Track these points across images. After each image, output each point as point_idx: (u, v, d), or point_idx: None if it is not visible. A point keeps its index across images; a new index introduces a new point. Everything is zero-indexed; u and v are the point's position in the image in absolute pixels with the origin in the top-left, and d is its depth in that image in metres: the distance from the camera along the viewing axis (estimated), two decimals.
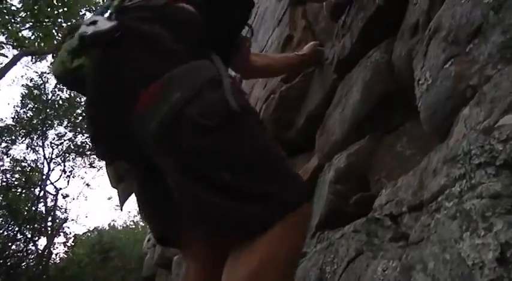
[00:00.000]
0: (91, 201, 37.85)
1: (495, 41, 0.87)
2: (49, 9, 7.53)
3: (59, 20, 8.04)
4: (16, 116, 13.87)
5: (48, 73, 13.66)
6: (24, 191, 13.57)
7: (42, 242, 13.76)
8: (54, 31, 7.89)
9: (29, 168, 13.98)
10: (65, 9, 7.50)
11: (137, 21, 0.98)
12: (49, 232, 13.26)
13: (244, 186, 0.84)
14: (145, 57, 0.93)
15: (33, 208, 13.36)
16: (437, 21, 1.13)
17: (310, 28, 2.26)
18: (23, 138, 14.02)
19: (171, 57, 0.93)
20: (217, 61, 1.00)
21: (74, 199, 18.11)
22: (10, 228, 12.62)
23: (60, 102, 14.06)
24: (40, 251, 12.96)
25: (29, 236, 12.97)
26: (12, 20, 8.10)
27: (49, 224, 13.51)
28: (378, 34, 1.53)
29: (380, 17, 1.50)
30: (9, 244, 12.34)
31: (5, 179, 13.15)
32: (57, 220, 14.11)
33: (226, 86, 0.89)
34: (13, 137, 13.86)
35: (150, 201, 1.13)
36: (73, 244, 14.53)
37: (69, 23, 8.59)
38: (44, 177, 14.03)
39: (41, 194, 13.66)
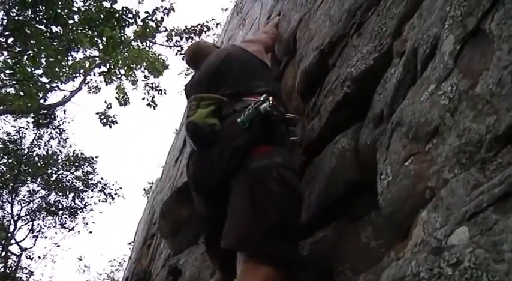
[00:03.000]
0: (59, 262, 35.93)
1: (452, 143, 0.87)
2: (30, 70, 7.60)
3: (42, 80, 8.12)
4: None
5: (26, 128, 13.48)
6: None
7: None
8: (35, 91, 7.90)
9: None
10: (49, 70, 7.58)
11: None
12: None
13: (279, 228, 1.29)
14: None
15: None
16: (399, 116, 1.13)
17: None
18: None
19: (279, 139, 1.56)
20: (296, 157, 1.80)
21: (40, 258, 17.01)
22: None
23: (36, 158, 13.76)
24: None
25: None
26: None
27: None
28: (345, 119, 1.54)
29: (347, 104, 1.52)
30: None
31: None
32: None
33: (296, 172, 1.54)
34: None
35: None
36: None
37: (53, 85, 8.77)
38: (8, 235, 13.36)
39: (3, 254, 12.93)
